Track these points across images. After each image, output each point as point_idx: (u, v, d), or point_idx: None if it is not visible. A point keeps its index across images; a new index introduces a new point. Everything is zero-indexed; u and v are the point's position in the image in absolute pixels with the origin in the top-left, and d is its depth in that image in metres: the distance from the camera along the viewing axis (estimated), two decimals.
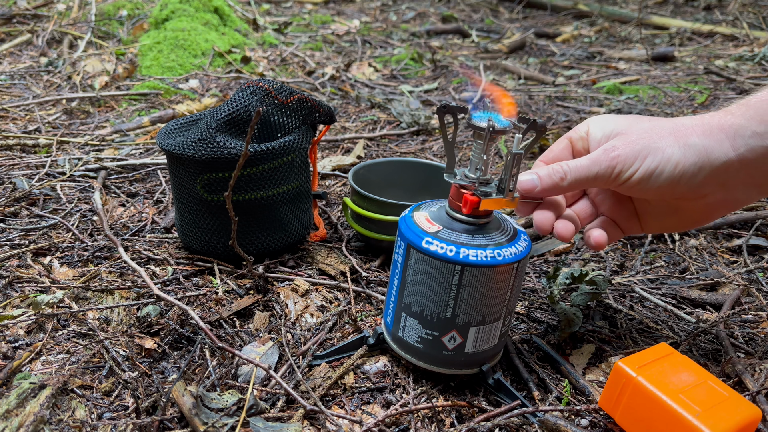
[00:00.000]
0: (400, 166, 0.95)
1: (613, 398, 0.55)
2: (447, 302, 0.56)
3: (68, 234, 0.91)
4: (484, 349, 0.59)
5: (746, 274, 0.86)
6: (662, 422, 0.50)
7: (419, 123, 1.48)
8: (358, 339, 0.67)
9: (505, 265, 0.54)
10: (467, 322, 0.56)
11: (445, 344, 0.58)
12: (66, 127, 1.39)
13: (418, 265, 0.57)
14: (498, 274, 0.55)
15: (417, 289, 0.57)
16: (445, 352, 0.58)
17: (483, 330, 0.57)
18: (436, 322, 0.57)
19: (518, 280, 0.57)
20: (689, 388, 0.51)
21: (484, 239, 0.55)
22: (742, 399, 0.51)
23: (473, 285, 0.55)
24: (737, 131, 0.52)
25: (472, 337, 0.57)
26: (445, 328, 0.57)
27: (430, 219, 0.58)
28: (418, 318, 0.58)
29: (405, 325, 0.60)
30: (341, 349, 0.67)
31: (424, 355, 0.60)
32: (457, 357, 0.59)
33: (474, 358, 0.59)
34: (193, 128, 0.82)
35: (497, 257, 0.54)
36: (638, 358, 0.55)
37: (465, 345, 0.58)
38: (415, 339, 0.59)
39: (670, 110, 1.65)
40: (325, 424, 0.56)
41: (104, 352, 0.65)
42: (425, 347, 0.59)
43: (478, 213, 0.56)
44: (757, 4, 3.12)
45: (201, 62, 1.91)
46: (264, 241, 0.82)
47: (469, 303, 0.56)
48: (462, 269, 0.54)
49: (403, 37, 2.72)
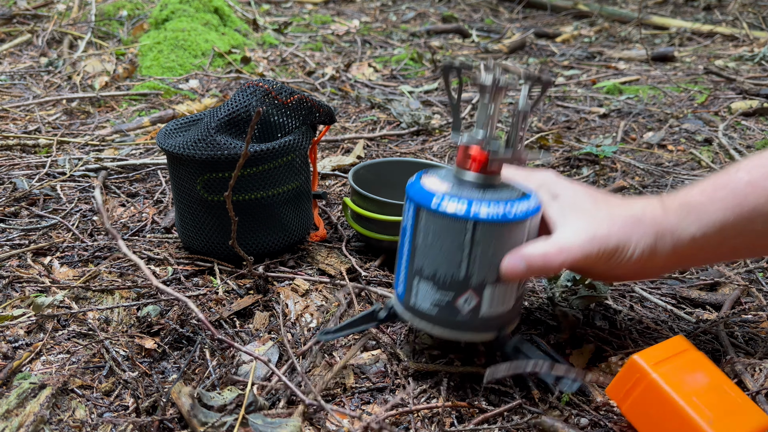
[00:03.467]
0: (400, 166, 0.95)
1: (623, 389, 0.54)
2: (460, 261, 0.54)
3: (68, 234, 0.91)
4: (499, 312, 0.57)
5: (746, 274, 0.86)
6: (672, 423, 0.49)
7: (419, 123, 1.48)
8: (369, 313, 0.64)
9: (517, 221, 0.53)
10: (482, 281, 0.55)
11: (460, 308, 0.56)
12: (66, 127, 1.39)
13: (428, 226, 0.55)
14: (511, 231, 0.54)
15: (429, 251, 0.56)
16: (459, 317, 0.57)
17: (498, 290, 0.56)
18: (450, 283, 0.56)
19: (532, 236, 0.56)
20: (703, 390, 0.51)
21: (495, 196, 0.54)
22: (755, 406, 0.51)
23: (486, 242, 0.53)
24: (679, 236, 0.56)
25: (488, 297, 0.56)
26: (460, 289, 0.56)
27: (440, 180, 0.57)
28: (431, 281, 0.56)
29: (418, 291, 0.58)
30: (352, 324, 0.64)
31: (438, 321, 0.58)
32: (472, 321, 0.57)
33: (490, 323, 0.57)
34: (193, 128, 0.82)
35: (509, 213, 0.53)
36: (655, 353, 0.54)
37: (480, 307, 0.56)
38: (429, 305, 0.57)
39: (670, 110, 1.65)
40: (325, 424, 0.56)
41: (104, 352, 0.65)
42: (439, 312, 0.57)
43: (487, 171, 0.55)
44: (757, 4, 3.12)
45: (201, 62, 1.92)
46: (264, 241, 0.82)
47: (482, 261, 0.54)
48: (474, 226, 0.53)
49: (403, 37, 2.72)
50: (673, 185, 1.18)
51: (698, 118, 1.58)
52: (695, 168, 1.28)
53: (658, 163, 1.31)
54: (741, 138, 1.44)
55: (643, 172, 1.25)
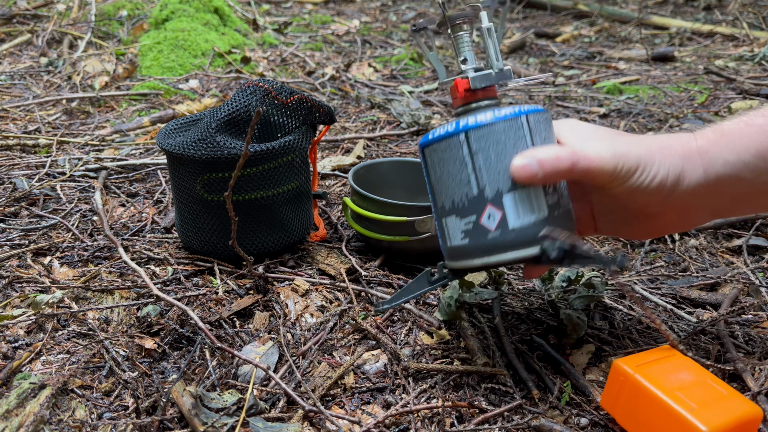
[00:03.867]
0: (400, 166, 0.95)
1: (612, 397, 0.55)
2: (468, 178, 0.54)
3: (68, 234, 0.91)
4: (532, 221, 0.53)
5: (746, 274, 0.86)
6: (659, 419, 0.50)
7: (419, 123, 1.48)
8: (422, 276, 0.63)
9: (509, 120, 0.53)
10: (497, 191, 0.53)
11: (487, 226, 0.54)
12: (66, 127, 1.39)
13: (432, 160, 0.56)
14: (506, 130, 0.53)
15: (440, 184, 0.56)
16: (490, 235, 0.54)
17: (520, 196, 0.53)
18: (468, 205, 0.54)
19: (538, 136, 0.54)
20: (687, 385, 0.51)
21: (485, 109, 0.55)
22: (742, 397, 0.51)
23: (484, 148, 0.53)
24: (711, 158, 0.54)
25: (511, 206, 0.53)
26: (479, 207, 0.54)
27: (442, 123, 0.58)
28: (454, 211, 0.56)
29: (448, 229, 0.57)
30: (407, 291, 0.63)
31: (473, 249, 0.55)
32: (503, 236, 0.53)
33: (525, 234, 0.53)
34: (193, 128, 0.82)
35: (497, 114, 0.53)
36: (638, 358, 0.55)
37: (507, 220, 0.53)
38: (460, 237, 0.56)
39: (670, 110, 1.65)
40: (325, 424, 0.56)
41: (104, 352, 0.65)
42: (471, 239, 0.55)
43: (475, 96, 0.56)
44: (757, 4, 3.12)
45: (201, 62, 1.92)
46: (264, 241, 0.82)
47: (488, 169, 0.53)
48: (466, 136, 0.53)
49: (403, 37, 2.72)
50: None
51: (698, 118, 1.58)
52: None
53: None
54: None
55: None
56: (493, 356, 0.65)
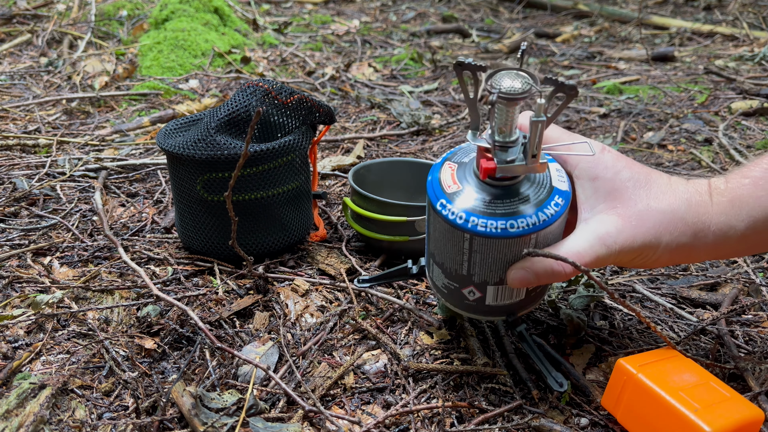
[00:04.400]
0: (400, 166, 0.95)
1: (614, 397, 0.55)
2: (462, 262, 0.55)
3: (68, 234, 0.91)
4: (508, 303, 0.58)
5: (746, 273, 0.86)
6: (661, 419, 0.50)
7: (419, 123, 1.48)
8: (403, 267, 0.68)
9: (518, 236, 0.52)
10: (484, 281, 0.56)
11: (466, 295, 0.58)
12: (66, 127, 1.39)
13: (435, 224, 0.56)
14: (511, 245, 0.52)
15: (437, 244, 0.58)
16: (466, 302, 0.59)
17: (503, 288, 0.56)
18: (455, 276, 0.57)
19: (541, 245, 0.54)
20: (690, 387, 0.51)
21: (503, 207, 0.52)
22: (744, 399, 0.51)
23: (484, 252, 0.53)
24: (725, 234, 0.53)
25: (491, 293, 0.57)
26: (464, 283, 0.57)
27: (455, 176, 0.55)
28: (441, 268, 0.59)
29: (433, 270, 0.61)
30: (386, 276, 0.69)
31: (449, 298, 0.61)
32: (479, 306, 0.59)
33: (498, 309, 0.59)
34: (193, 128, 0.82)
35: (509, 229, 0.51)
36: (640, 358, 0.55)
37: (485, 299, 0.57)
38: (441, 284, 0.60)
39: (671, 110, 1.65)
40: (325, 424, 0.56)
41: (104, 352, 0.65)
42: (449, 294, 0.60)
43: (497, 180, 0.53)
44: (757, 4, 3.12)
45: (201, 62, 1.91)
46: (264, 241, 0.82)
47: (482, 266, 0.55)
48: (471, 237, 0.53)
49: (403, 37, 2.72)
50: None
51: (698, 118, 1.58)
52: (695, 168, 1.28)
53: (659, 163, 1.31)
54: (741, 138, 1.44)
55: None
56: (493, 356, 0.65)
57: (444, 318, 0.72)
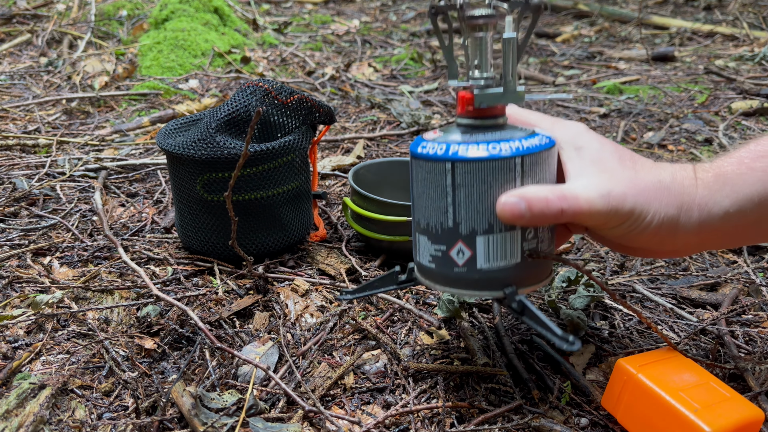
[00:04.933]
0: (401, 166, 0.95)
1: (614, 397, 0.55)
2: (446, 208, 0.51)
3: (68, 234, 0.91)
4: (501, 266, 0.52)
5: (746, 273, 0.86)
6: (661, 419, 0.50)
7: (419, 123, 1.48)
8: (389, 274, 0.62)
9: (502, 159, 0.49)
10: (472, 230, 0.51)
11: (455, 259, 0.53)
12: (66, 127, 1.39)
13: (417, 174, 0.53)
14: (496, 171, 0.49)
15: (420, 201, 0.54)
16: (456, 269, 0.53)
17: (493, 240, 0.51)
18: (441, 233, 0.52)
19: (530, 179, 0.51)
20: (690, 387, 0.51)
21: (485, 136, 0.50)
22: (744, 400, 0.51)
23: (468, 184, 0.50)
24: (710, 211, 0.52)
25: (482, 249, 0.51)
26: (451, 240, 0.52)
27: (437, 131, 0.54)
28: (426, 233, 0.54)
29: (419, 245, 0.55)
30: (372, 285, 0.63)
31: (438, 275, 0.55)
32: (470, 274, 0.52)
33: (492, 277, 0.52)
34: (193, 128, 0.82)
35: (491, 150, 0.49)
36: (641, 358, 0.55)
37: (476, 259, 0.52)
38: (428, 258, 0.54)
39: (671, 110, 1.65)
40: (325, 424, 0.56)
41: (104, 353, 0.65)
42: (437, 266, 0.54)
43: (478, 113, 0.51)
44: (757, 4, 3.12)
45: (201, 62, 1.91)
46: (264, 241, 0.82)
47: (468, 206, 0.51)
48: (452, 166, 0.50)
49: (403, 37, 2.72)
50: None
51: (698, 118, 1.58)
52: None
53: None
54: (741, 138, 1.44)
55: None
56: (493, 356, 0.65)
57: (444, 318, 0.72)
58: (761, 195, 0.51)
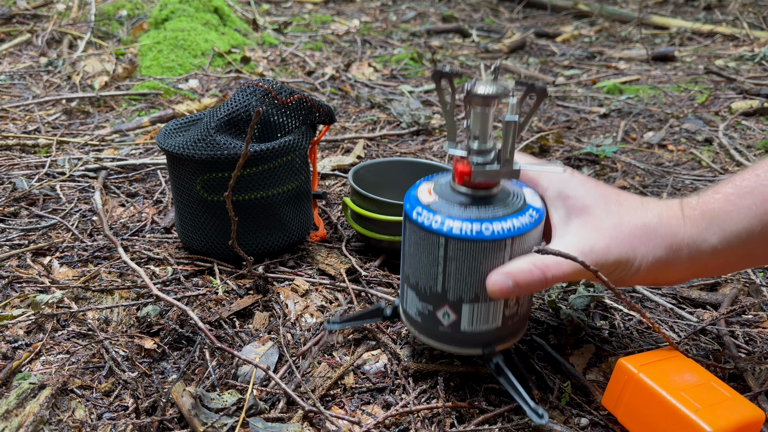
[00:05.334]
0: (400, 166, 0.95)
1: (615, 396, 0.55)
2: (436, 275, 0.54)
3: (68, 234, 0.91)
4: (483, 329, 0.56)
5: (746, 273, 0.86)
6: (662, 418, 0.50)
7: (419, 123, 1.48)
8: (375, 309, 0.66)
9: (493, 240, 0.51)
10: (459, 298, 0.54)
11: (440, 320, 0.56)
12: (66, 127, 1.39)
13: (411, 236, 0.55)
14: (486, 250, 0.51)
15: (411, 261, 0.56)
16: (441, 328, 0.56)
17: (478, 308, 0.54)
18: (429, 295, 0.55)
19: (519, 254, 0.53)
20: (691, 387, 0.51)
21: (478, 212, 0.52)
22: (745, 400, 0.51)
23: (460, 259, 0.52)
24: (699, 248, 0.53)
25: (467, 315, 0.55)
26: (438, 303, 0.55)
27: (432, 191, 0.56)
28: (414, 290, 0.57)
29: (406, 296, 0.59)
30: (359, 317, 0.66)
31: (423, 328, 0.58)
32: (453, 334, 0.56)
33: (473, 338, 0.56)
34: (193, 128, 0.82)
35: (484, 231, 0.51)
36: (642, 358, 0.55)
37: (460, 323, 0.55)
38: (414, 311, 0.58)
39: (671, 110, 1.65)
40: (325, 424, 0.56)
41: (104, 353, 0.65)
42: (422, 321, 0.58)
43: (473, 184, 0.53)
44: (757, 4, 3.12)
45: (201, 62, 1.91)
46: (264, 241, 0.82)
47: (457, 278, 0.53)
48: (446, 241, 0.52)
49: (403, 37, 2.72)
50: (674, 185, 1.18)
51: (699, 118, 1.58)
52: (695, 168, 1.28)
53: (659, 163, 1.31)
54: (741, 138, 1.44)
55: (643, 172, 1.25)
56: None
57: None
58: (748, 231, 0.52)
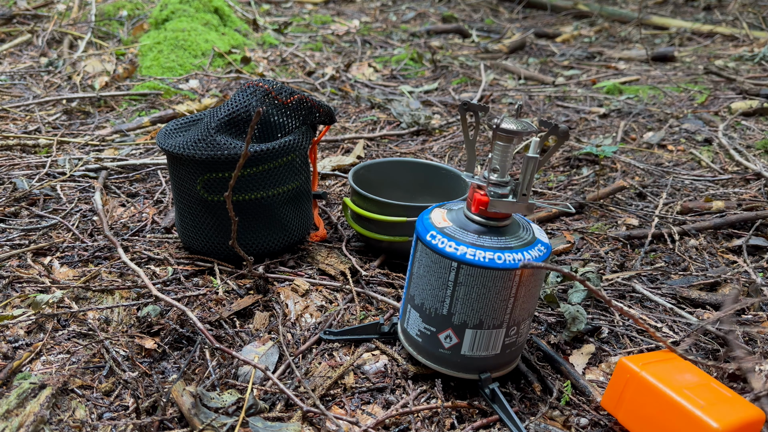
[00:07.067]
0: (400, 166, 0.95)
1: (616, 396, 0.54)
2: (444, 298, 0.56)
3: (68, 234, 0.91)
4: (482, 355, 0.58)
5: (746, 273, 0.86)
6: (666, 416, 0.50)
7: (419, 123, 1.48)
8: (373, 325, 0.68)
9: (504, 269, 0.53)
10: (463, 322, 0.56)
11: (442, 342, 0.58)
12: (66, 127, 1.39)
13: (422, 258, 0.57)
14: (496, 278, 0.54)
15: (419, 282, 0.58)
16: (441, 350, 0.58)
17: (480, 334, 0.57)
18: (434, 317, 0.58)
19: (524, 289, 0.55)
20: (693, 386, 0.51)
21: (491, 241, 0.55)
22: (744, 400, 0.51)
23: (469, 284, 0.54)
24: None
25: (469, 339, 0.57)
26: (442, 325, 0.57)
27: (446, 217, 0.58)
28: (419, 311, 0.59)
29: (409, 316, 0.61)
30: (355, 331, 0.68)
31: (423, 349, 0.60)
32: (453, 357, 0.58)
33: (472, 362, 0.58)
34: (193, 128, 0.82)
35: (497, 260, 0.53)
36: (642, 358, 0.55)
37: (461, 346, 0.57)
38: (416, 332, 0.60)
39: (670, 110, 1.65)
40: (325, 424, 0.56)
41: (104, 352, 0.65)
42: (423, 341, 0.60)
43: (488, 214, 0.56)
44: (757, 4, 3.12)
45: (201, 62, 1.91)
46: (264, 241, 0.82)
47: (465, 303, 0.55)
48: (458, 266, 0.54)
49: (403, 37, 2.72)
50: (673, 185, 1.18)
51: (698, 118, 1.58)
52: (695, 168, 1.28)
53: (658, 163, 1.31)
54: (741, 138, 1.44)
55: (643, 172, 1.25)
56: None
57: None
58: None
